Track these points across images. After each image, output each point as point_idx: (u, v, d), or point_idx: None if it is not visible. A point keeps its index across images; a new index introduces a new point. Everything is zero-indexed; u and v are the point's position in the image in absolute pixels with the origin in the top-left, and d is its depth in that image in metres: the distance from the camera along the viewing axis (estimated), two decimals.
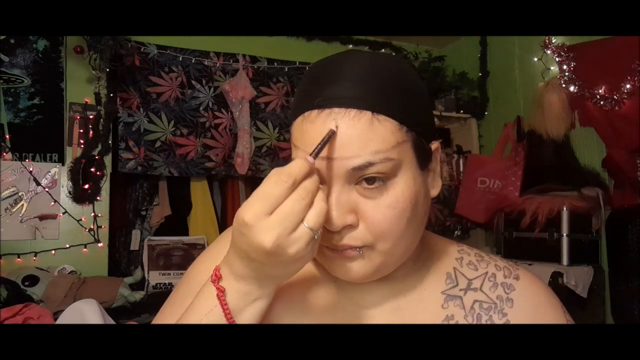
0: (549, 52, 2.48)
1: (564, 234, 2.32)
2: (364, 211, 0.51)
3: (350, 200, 0.51)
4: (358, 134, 0.50)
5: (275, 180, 0.45)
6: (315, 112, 0.51)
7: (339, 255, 0.53)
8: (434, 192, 0.58)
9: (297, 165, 0.46)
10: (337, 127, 0.50)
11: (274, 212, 0.45)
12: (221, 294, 0.50)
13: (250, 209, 0.45)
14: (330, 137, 0.50)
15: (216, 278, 0.51)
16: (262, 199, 0.45)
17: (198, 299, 0.52)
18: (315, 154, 0.49)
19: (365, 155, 0.50)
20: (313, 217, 0.46)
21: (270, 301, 0.52)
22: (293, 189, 0.45)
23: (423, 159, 0.55)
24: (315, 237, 0.46)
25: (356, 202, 0.51)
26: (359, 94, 0.50)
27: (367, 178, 0.51)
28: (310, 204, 0.46)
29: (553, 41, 2.46)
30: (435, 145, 0.57)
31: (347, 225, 0.51)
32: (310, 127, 0.51)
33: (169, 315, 0.61)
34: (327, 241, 0.52)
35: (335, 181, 0.51)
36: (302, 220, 0.45)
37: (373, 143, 0.50)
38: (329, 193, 0.51)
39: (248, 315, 0.50)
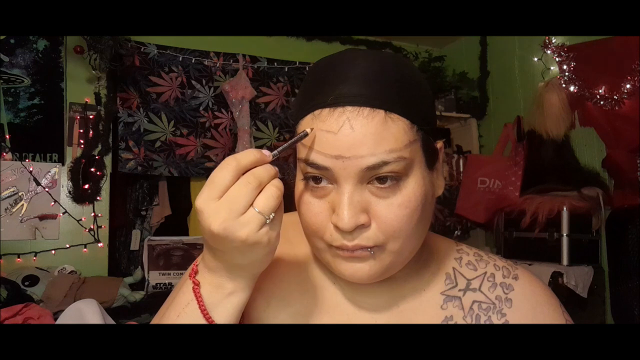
0: (549, 52, 2.47)
1: (564, 234, 2.32)
2: (376, 211, 0.51)
3: (362, 199, 0.51)
4: (372, 132, 0.49)
5: (220, 166, 0.47)
6: (326, 110, 0.51)
7: (350, 256, 0.52)
8: (439, 191, 0.58)
9: (245, 152, 0.47)
10: (312, 129, 0.50)
11: (222, 197, 0.46)
12: (196, 287, 0.50)
13: (201, 195, 0.46)
14: (302, 138, 0.50)
15: (193, 272, 0.52)
16: (209, 184, 0.46)
17: (178, 294, 0.53)
18: (279, 151, 0.50)
19: (379, 154, 0.49)
20: (262, 201, 0.46)
21: (247, 296, 0.52)
22: (239, 174, 0.46)
23: (431, 158, 0.55)
24: (267, 221, 0.46)
25: (368, 201, 0.51)
26: (372, 92, 0.50)
27: (379, 177, 0.50)
28: (260, 189, 0.46)
29: (553, 41, 2.46)
30: (439, 144, 0.57)
31: (359, 225, 0.50)
32: (322, 126, 0.51)
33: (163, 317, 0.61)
34: (337, 241, 0.52)
35: (348, 180, 0.50)
36: (251, 205, 0.46)
37: (387, 142, 0.49)
38: (341, 192, 0.51)
39: (224, 311, 0.51)
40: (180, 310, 0.51)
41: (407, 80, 0.53)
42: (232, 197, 0.45)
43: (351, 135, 0.49)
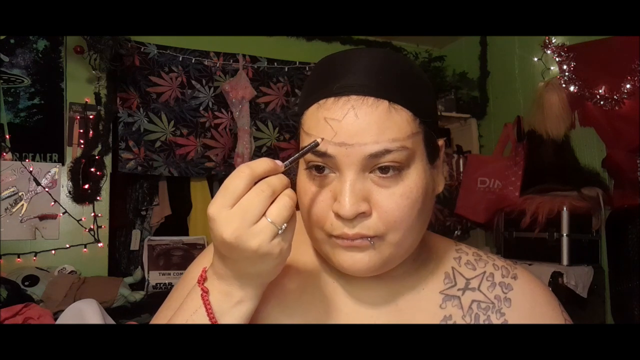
0: (549, 52, 2.47)
1: (564, 234, 2.32)
2: (377, 200, 0.51)
3: (364, 188, 0.51)
4: (376, 121, 0.50)
5: (234, 173, 0.46)
6: (331, 99, 0.51)
7: (349, 245, 0.52)
8: (439, 188, 0.58)
9: (258, 161, 0.47)
10: (322, 139, 0.50)
11: (235, 205, 0.45)
12: (205, 294, 0.50)
13: (214, 203, 0.46)
14: (312, 147, 0.50)
15: (202, 279, 0.52)
16: (223, 192, 0.46)
17: (186, 300, 0.52)
18: (290, 162, 0.49)
19: (382, 142, 0.50)
20: (275, 211, 0.46)
21: (255, 305, 0.52)
22: (252, 182, 0.46)
23: (432, 153, 0.55)
24: (280, 232, 0.46)
25: (370, 190, 0.51)
26: (376, 83, 0.51)
27: (382, 167, 0.51)
28: (273, 199, 0.46)
29: (553, 41, 2.46)
30: (440, 142, 0.58)
31: (360, 213, 0.50)
32: (326, 114, 0.51)
33: (163, 318, 0.61)
34: (337, 229, 0.52)
35: (350, 168, 0.51)
36: (264, 214, 0.45)
37: (390, 131, 0.50)
38: (343, 180, 0.51)
39: (232, 319, 0.50)
40: (187, 317, 0.50)
41: (411, 74, 0.54)
42: (245, 206, 0.45)
43: (355, 123, 0.50)
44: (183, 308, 0.52)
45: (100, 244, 2.57)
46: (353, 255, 0.53)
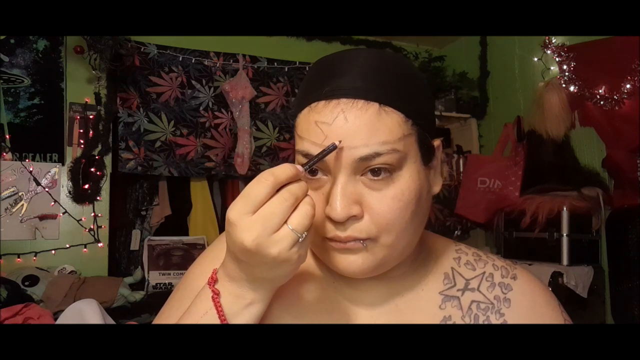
0: (549, 52, 2.47)
1: (564, 234, 2.32)
2: (369, 202, 0.51)
3: (355, 191, 0.51)
4: (366, 123, 0.50)
5: (257, 180, 0.46)
6: (322, 102, 0.51)
7: (342, 248, 0.52)
8: (435, 189, 0.58)
9: (281, 167, 0.47)
10: (340, 142, 0.50)
11: (257, 211, 0.45)
12: (216, 296, 0.50)
13: (234, 208, 0.46)
14: (331, 151, 0.49)
15: (212, 280, 0.51)
16: (244, 198, 0.46)
17: (195, 302, 0.52)
18: (309, 165, 0.49)
19: (372, 145, 0.50)
20: (297, 219, 0.46)
21: (265, 306, 0.52)
22: (275, 190, 0.46)
23: (427, 154, 0.55)
24: (300, 240, 0.46)
25: (361, 193, 0.51)
26: (367, 85, 0.51)
27: (373, 169, 0.51)
28: (295, 207, 0.46)
29: (553, 41, 2.46)
30: (437, 142, 0.58)
31: (351, 216, 0.51)
32: (317, 117, 0.51)
33: (166, 319, 0.61)
34: (330, 232, 0.52)
35: (341, 171, 0.51)
36: (285, 222, 0.45)
37: (380, 133, 0.50)
38: (335, 183, 0.51)
39: (242, 321, 0.50)
40: (197, 319, 0.50)
41: (404, 76, 0.53)
42: (267, 214, 0.45)
43: (345, 126, 0.50)
44: (192, 310, 0.52)
45: (100, 244, 2.57)
46: (347, 258, 0.53)
